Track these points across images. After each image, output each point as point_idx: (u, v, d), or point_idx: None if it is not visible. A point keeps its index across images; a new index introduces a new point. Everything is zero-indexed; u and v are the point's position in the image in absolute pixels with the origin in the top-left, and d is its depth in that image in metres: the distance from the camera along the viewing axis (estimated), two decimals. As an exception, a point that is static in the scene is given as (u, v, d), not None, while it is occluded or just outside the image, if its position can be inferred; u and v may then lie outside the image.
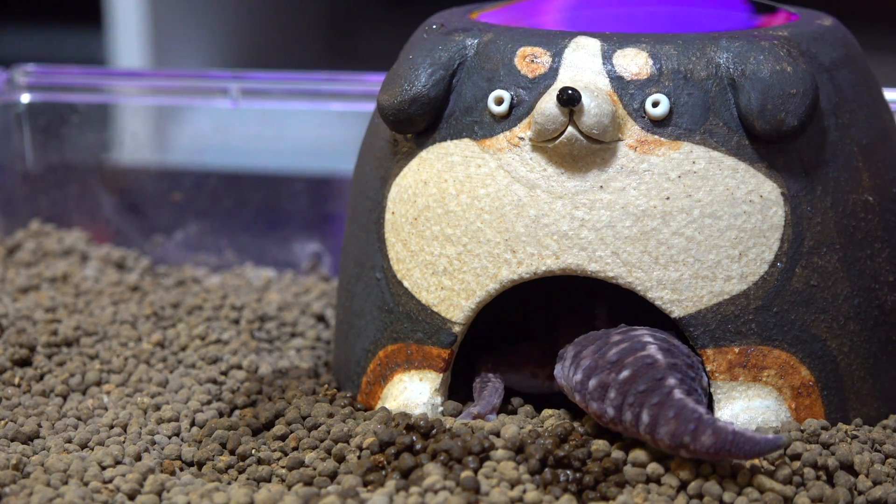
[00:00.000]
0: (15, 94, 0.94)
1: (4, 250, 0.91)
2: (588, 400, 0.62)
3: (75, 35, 1.58)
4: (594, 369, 0.63)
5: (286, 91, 0.93)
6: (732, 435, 0.58)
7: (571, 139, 0.63)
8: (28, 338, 0.75)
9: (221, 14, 1.44)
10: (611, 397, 0.61)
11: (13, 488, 0.62)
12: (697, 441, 0.59)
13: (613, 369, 0.62)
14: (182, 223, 0.96)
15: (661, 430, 0.60)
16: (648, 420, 0.60)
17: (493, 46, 0.66)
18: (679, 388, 0.60)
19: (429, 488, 0.59)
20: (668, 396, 0.60)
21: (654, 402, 0.60)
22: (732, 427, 0.59)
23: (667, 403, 0.60)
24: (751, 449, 0.58)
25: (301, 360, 0.77)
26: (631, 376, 0.61)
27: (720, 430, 0.58)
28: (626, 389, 0.61)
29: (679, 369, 0.62)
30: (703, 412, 0.59)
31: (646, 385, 0.61)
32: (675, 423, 0.59)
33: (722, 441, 0.58)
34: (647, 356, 0.62)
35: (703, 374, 0.64)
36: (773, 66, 0.64)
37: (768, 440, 0.58)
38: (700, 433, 0.59)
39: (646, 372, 0.61)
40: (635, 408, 0.60)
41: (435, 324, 0.67)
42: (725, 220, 0.64)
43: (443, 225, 0.66)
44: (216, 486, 0.62)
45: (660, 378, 0.61)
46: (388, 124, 0.67)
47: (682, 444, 0.59)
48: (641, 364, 0.61)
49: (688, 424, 0.59)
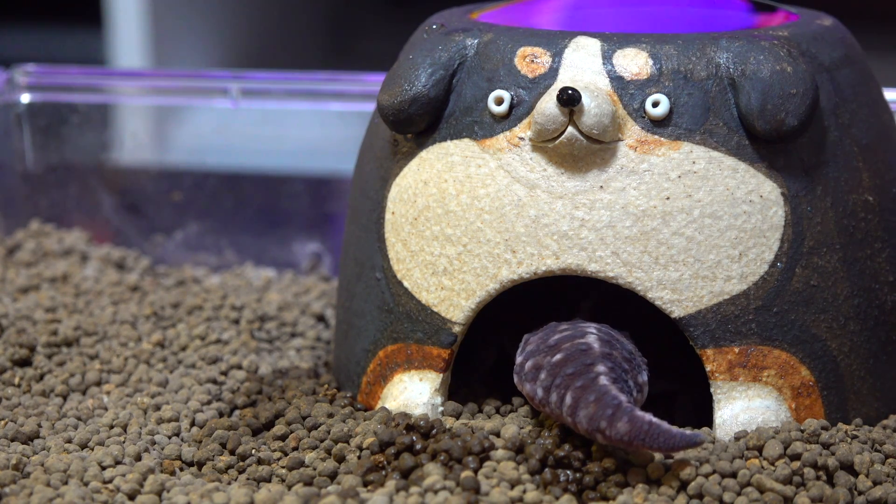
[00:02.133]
0: (15, 94, 0.94)
1: (4, 250, 0.91)
2: (523, 381, 0.64)
3: (75, 35, 1.58)
4: (533, 353, 0.64)
5: (286, 91, 0.93)
6: (648, 425, 0.58)
7: (571, 139, 0.63)
8: (28, 338, 0.75)
9: (221, 14, 1.44)
10: (541, 378, 0.62)
11: (13, 488, 0.62)
12: (613, 427, 0.59)
13: (549, 353, 0.63)
14: (182, 223, 0.96)
15: (581, 412, 0.60)
16: (571, 402, 0.60)
17: (493, 46, 0.66)
18: (607, 375, 0.61)
19: (429, 488, 0.59)
20: (594, 381, 0.60)
21: (578, 385, 0.61)
22: (650, 418, 0.59)
23: (590, 388, 0.60)
24: (665, 442, 0.58)
25: (301, 360, 0.77)
26: (563, 360, 0.62)
27: (637, 418, 0.59)
28: (556, 372, 0.62)
29: (613, 360, 0.62)
30: (623, 399, 0.59)
31: (574, 368, 0.61)
32: (594, 407, 0.60)
33: (637, 430, 0.58)
34: (583, 343, 0.63)
35: (644, 372, 0.64)
36: (773, 66, 0.64)
37: (685, 436, 0.58)
38: (616, 419, 0.59)
39: (578, 357, 0.62)
40: (561, 389, 0.61)
41: (435, 324, 0.67)
42: (725, 220, 0.64)
43: (443, 225, 0.66)
44: (216, 486, 0.62)
45: (589, 363, 0.61)
46: (388, 124, 0.67)
47: (599, 429, 0.59)
48: (575, 350, 0.62)
49: (606, 409, 0.59)
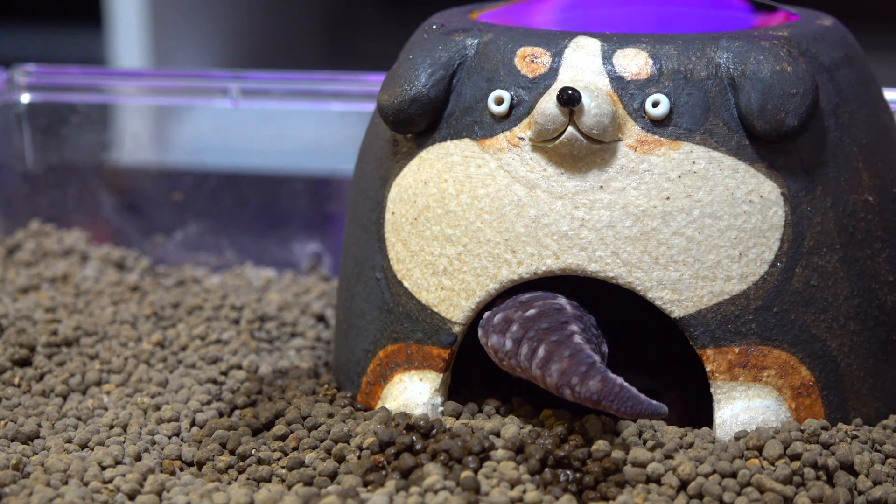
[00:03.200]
0: (15, 94, 0.94)
1: (4, 250, 0.91)
2: (489, 333, 0.64)
3: (75, 35, 1.58)
4: (502, 308, 0.65)
5: (286, 91, 0.93)
6: (619, 388, 0.60)
7: (571, 139, 0.63)
8: (28, 338, 0.75)
9: (221, 14, 1.44)
10: (512, 330, 0.63)
11: (13, 488, 0.62)
12: (584, 384, 0.60)
13: (521, 308, 0.64)
14: (182, 223, 0.96)
15: (553, 366, 0.61)
16: (543, 355, 0.62)
17: (493, 46, 0.66)
18: (580, 335, 0.62)
19: (429, 488, 0.59)
20: (569, 339, 0.62)
21: (552, 340, 0.62)
22: (621, 381, 0.60)
23: (564, 343, 0.62)
24: (633, 406, 0.60)
25: (301, 360, 0.77)
26: (537, 315, 0.63)
27: (609, 379, 0.60)
28: (529, 325, 0.63)
29: (584, 322, 0.63)
30: (597, 359, 0.61)
31: (549, 324, 0.63)
32: (567, 363, 0.61)
33: (608, 390, 0.60)
34: (556, 303, 0.64)
35: (605, 345, 0.65)
36: (773, 66, 0.64)
37: (651, 403, 0.60)
38: (589, 377, 0.60)
39: (552, 314, 0.63)
40: (533, 342, 0.62)
41: (435, 324, 0.67)
42: (725, 220, 0.64)
43: (443, 225, 0.66)
44: (216, 486, 0.62)
45: (564, 322, 0.63)
46: (388, 124, 0.67)
47: (569, 384, 0.61)
48: (549, 307, 0.64)
49: (580, 366, 0.61)
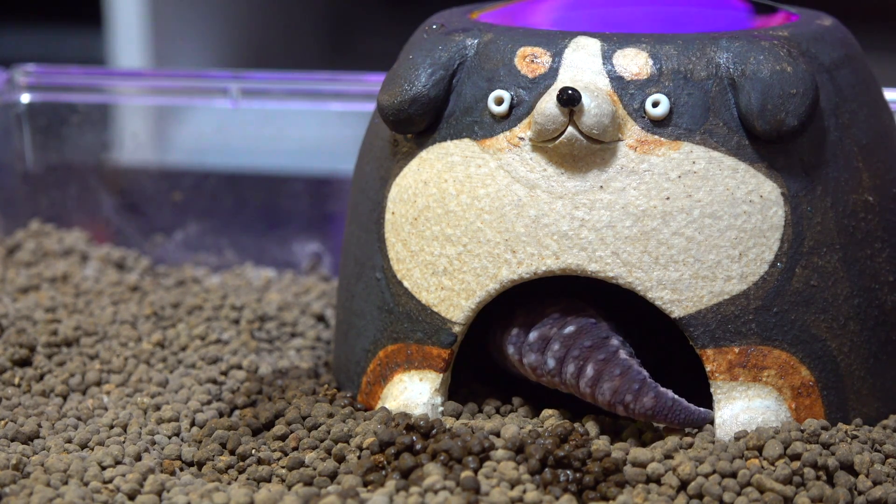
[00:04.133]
0: (15, 94, 0.94)
1: (4, 250, 0.91)
2: (526, 353, 0.65)
3: (75, 35, 1.58)
4: (533, 324, 0.66)
5: (286, 91, 0.93)
6: (672, 402, 0.63)
7: (571, 139, 0.63)
8: (28, 338, 0.75)
9: (221, 14, 1.44)
10: (554, 349, 0.65)
11: (13, 488, 0.61)
12: (638, 401, 0.63)
13: (556, 324, 0.65)
14: (182, 223, 0.96)
15: (605, 385, 0.63)
16: (592, 374, 0.63)
17: (493, 46, 0.66)
18: (623, 349, 0.64)
19: (429, 488, 0.59)
20: (615, 356, 0.64)
21: (600, 358, 0.64)
22: (672, 395, 0.63)
23: (613, 361, 0.63)
24: (686, 418, 0.63)
25: (301, 360, 0.77)
26: (577, 332, 0.64)
27: (662, 394, 0.63)
28: (571, 343, 0.64)
29: (618, 334, 0.65)
30: (646, 375, 0.63)
31: (592, 341, 0.64)
32: (619, 381, 0.63)
33: (661, 406, 0.63)
34: (589, 316, 0.65)
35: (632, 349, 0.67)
36: (773, 67, 0.64)
37: (701, 412, 0.63)
38: (642, 394, 0.63)
39: (591, 330, 0.64)
40: (579, 361, 0.64)
41: (435, 324, 0.67)
42: (725, 220, 0.64)
43: (443, 225, 0.66)
44: (216, 486, 0.62)
45: (605, 337, 0.64)
46: (388, 124, 0.67)
47: (622, 402, 0.63)
48: (585, 322, 0.65)
49: (632, 384, 0.63)
